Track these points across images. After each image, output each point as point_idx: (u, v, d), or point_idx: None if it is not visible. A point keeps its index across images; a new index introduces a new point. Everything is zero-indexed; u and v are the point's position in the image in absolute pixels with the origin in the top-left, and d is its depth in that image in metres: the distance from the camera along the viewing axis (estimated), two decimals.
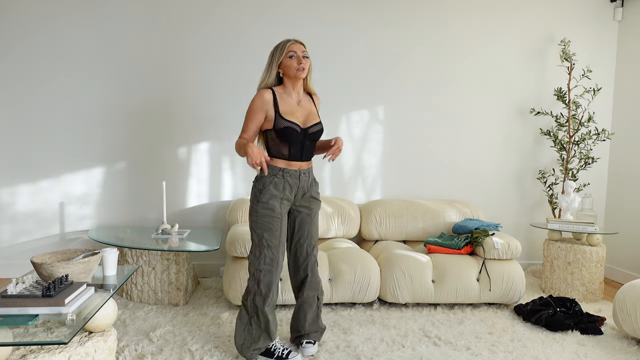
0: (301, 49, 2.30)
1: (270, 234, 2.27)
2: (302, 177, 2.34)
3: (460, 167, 4.23)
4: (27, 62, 3.72)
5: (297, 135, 2.27)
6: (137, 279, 3.21)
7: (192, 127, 3.91)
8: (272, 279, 2.29)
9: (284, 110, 2.27)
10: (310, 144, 2.34)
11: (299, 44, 2.31)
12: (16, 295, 1.72)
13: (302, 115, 2.32)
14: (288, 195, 2.31)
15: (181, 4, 3.82)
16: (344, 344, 2.59)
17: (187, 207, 3.96)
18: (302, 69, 2.27)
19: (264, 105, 2.27)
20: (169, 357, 2.40)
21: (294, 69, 2.27)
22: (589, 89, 4.10)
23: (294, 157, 2.30)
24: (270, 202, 2.26)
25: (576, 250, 3.52)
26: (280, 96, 2.31)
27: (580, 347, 2.65)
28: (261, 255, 2.28)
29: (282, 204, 2.30)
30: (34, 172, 3.79)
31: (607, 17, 4.29)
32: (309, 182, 2.39)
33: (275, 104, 2.27)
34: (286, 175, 2.29)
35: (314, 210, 2.44)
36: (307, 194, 2.39)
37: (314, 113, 2.38)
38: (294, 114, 2.29)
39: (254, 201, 2.30)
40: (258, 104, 2.27)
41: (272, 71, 2.32)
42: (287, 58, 2.28)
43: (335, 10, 3.97)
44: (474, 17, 4.13)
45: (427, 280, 3.16)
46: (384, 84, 4.08)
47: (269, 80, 2.32)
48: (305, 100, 2.39)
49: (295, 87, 2.35)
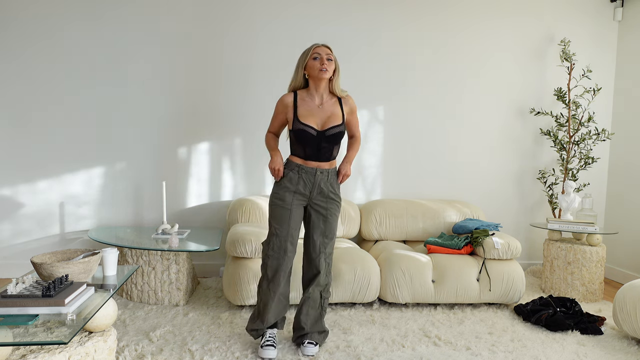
0: (325, 52, 2.40)
1: (279, 223, 2.43)
2: (319, 175, 2.44)
3: (460, 167, 4.23)
4: (27, 61, 3.72)
5: (312, 138, 2.39)
6: (137, 279, 3.21)
7: (192, 127, 3.91)
8: (278, 265, 2.42)
9: (301, 114, 2.40)
10: (328, 146, 2.42)
11: (324, 47, 2.42)
12: (16, 295, 1.72)
13: (321, 118, 2.42)
14: (302, 190, 2.43)
15: (181, 3, 3.82)
16: (344, 344, 2.59)
17: (187, 207, 3.96)
18: (324, 69, 2.36)
19: (284, 109, 2.46)
20: (169, 357, 2.40)
21: (317, 69, 2.37)
22: (589, 89, 4.10)
23: (310, 157, 2.42)
24: (282, 193, 2.43)
25: (576, 250, 3.52)
26: (302, 99, 2.44)
27: (580, 347, 2.65)
28: (270, 242, 2.45)
29: (294, 197, 2.43)
30: (34, 172, 3.79)
31: (607, 17, 4.29)
32: (326, 181, 2.46)
33: (295, 107, 2.42)
34: (302, 171, 2.43)
35: (330, 210, 2.49)
36: (324, 192, 2.47)
37: (336, 115, 2.44)
38: (313, 116, 2.41)
39: (272, 191, 2.50)
40: (279, 108, 2.48)
41: (299, 73, 2.45)
42: (312, 60, 2.40)
43: (335, 11, 3.97)
44: (474, 17, 4.13)
45: (427, 280, 3.16)
46: (384, 84, 4.08)
47: (297, 82, 2.47)
48: (330, 102, 2.47)
49: (318, 88, 2.44)
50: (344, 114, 2.46)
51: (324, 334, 2.57)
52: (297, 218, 2.46)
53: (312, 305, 2.52)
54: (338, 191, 2.53)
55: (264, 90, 3.90)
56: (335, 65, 2.42)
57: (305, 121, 2.38)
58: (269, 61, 3.91)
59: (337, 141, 2.45)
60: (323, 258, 2.51)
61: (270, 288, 2.44)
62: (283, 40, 3.91)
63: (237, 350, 2.49)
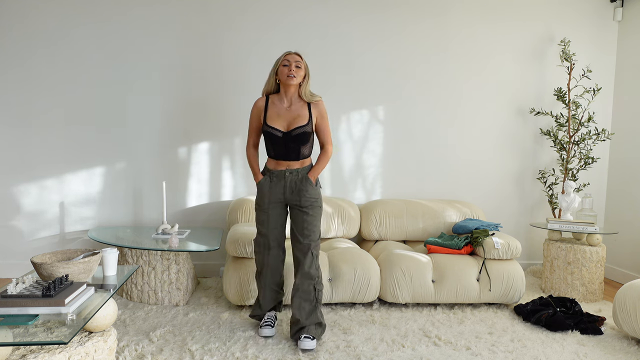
0: (295, 59, 2.58)
1: (260, 224, 2.70)
2: (288, 176, 2.62)
3: (460, 167, 4.23)
4: (28, 62, 3.72)
5: (278, 139, 2.58)
6: (137, 279, 3.21)
7: (192, 127, 3.91)
8: (263, 259, 2.72)
9: (269, 116, 2.61)
10: (294, 145, 2.59)
11: (295, 54, 2.60)
12: (16, 295, 1.72)
13: (287, 120, 2.60)
14: (275, 194, 2.65)
15: (181, 4, 3.82)
16: (344, 344, 2.59)
17: (187, 207, 3.96)
18: (292, 76, 2.55)
19: (257, 112, 2.67)
20: (169, 357, 2.40)
21: (285, 75, 2.56)
22: (589, 89, 4.10)
23: (279, 157, 2.62)
24: (258, 198, 2.69)
25: (576, 250, 3.52)
26: (272, 102, 2.64)
27: (580, 347, 2.65)
28: (256, 240, 2.75)
29: (269, 201, 2.65)
30: (34, 172, 3.79)
31: (607, 17, 4.29)
32: (297, 180, 2.62)
33: (265, 110, 2.63)
34: (272, 176, 2.65)
35: (306, 206, 2.62)
36: (296, 190, 2.62)
37: (302, 116, 2.60)
38: (279, 118, 2.60)
39: None
40: (253, 112, 2.69)
41: (272, 78, 2.65)
42: (282, 66, 2.58)
43: (336, 12, 3.97)
44: (474, 17, 4.13)
45: (427, 280, 3.16)
46: (384, 84, 4.08)
47: (269, 86, 2.66)
48: (298, 105, 2.63)
49: (287, 93, 2.63)
50: (311, 116, 2.61)
51: (321, 328, 2.61)
52: (275, 218, 2.68)
53: (304, 298, 2.59)
54: (312, 188, 2.63)
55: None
56: (305, 71, 2.60)
57: (272, 124, 2.58)
58: (267, 61, 3.90)
59: (303, 141, 2.59)
60: (305, 250, 2.61)
61: (261, 280, 2.76)
62: (281, 41, 3.91)
63: (237, 350, 2.49)
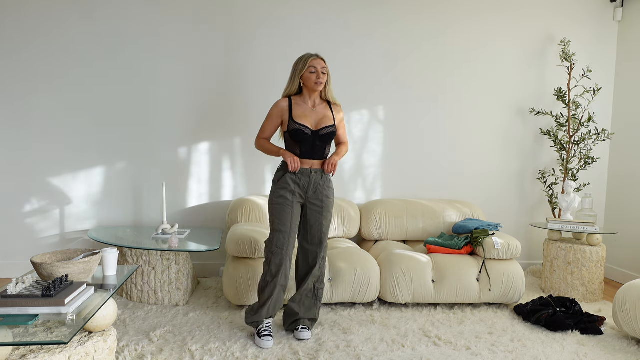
0: (321, 65, 2.59)
1: (282, 221, 2.59)
2: (313, 175, 2.62)
3: (460, 167, 4.23)
4: (27, 61, 3.72)
5: (307, 136, 2.57)
6: (137, 279, 3.21)
7: (192, 127, 3.91)
8: (281, 260, 2.58)
9: (296, 114, 2.59)
10: (321, 144, 2.61)
11: (320, 59, 2.60)
12: (16, 295, 1.72)
13: (315, 119, 2.62)
14: (300, 190, 2.61)
15: (181, 4, 3.81)
16: (344, 344, 2.59)
17: (187, 207, 3.96)
18: (320, 83, 2.58)
19: (279, 112, 2.64)
20: (169, 357, 2.40)
21: (313, 82, 2.58)
22: (589, 89, 4.10)
23: (305, 156, 2.60)
24: (283, 192, 2.60)
25: (576, 250, 3.52)
26: (296, 103, 2.64)
27: (580, 347, 2.65)
28: (274, 239, 2.60)
29: (293, 196, 2.60)
30: (34, 172, 3.79)
31: (607, 17, 4.29)
32: (320, 180, 2.64)
33: (290, 109, 2.61)
34: (299, 172, 2.59)
35: (325, 207, 2.67)
36: (318, 190, 2.65)
37: (328, 117, 2.64)
38: (307, 117, 2.60)
39: (272, 191, 2.65)
40: (275, 112, 2.65)
41: (295, 81, 2.64)
42: (308, 72, 2.58)
43: (335, 11, 3.97)
44: (474, 17, 4.13)
45: (427, 280, 3.16)
46: (384, 84, 4.08)
47: (292, 89, 2.65)
48: (322, 106, 2.68)
49: (312, 96, 2.66)
50: (334, 117, 2.67)
51: (314, 321, 2.73)
52: (297, 215, 2.63)
53: (306, 295, 2.69)
54: (332, 191, 2.72)
55: (263, 90, 3.90)
56: (328, 75, 2.62)
57: (300, 121, 2.57)
58: (266, 61, 3.91)
59: (329, 140, 2.64)
60: (320, 252, 2.69)
61: (275, 282, 2.59)
62: (280, 41, 3.91)
63: (237, 350, 2.49)
